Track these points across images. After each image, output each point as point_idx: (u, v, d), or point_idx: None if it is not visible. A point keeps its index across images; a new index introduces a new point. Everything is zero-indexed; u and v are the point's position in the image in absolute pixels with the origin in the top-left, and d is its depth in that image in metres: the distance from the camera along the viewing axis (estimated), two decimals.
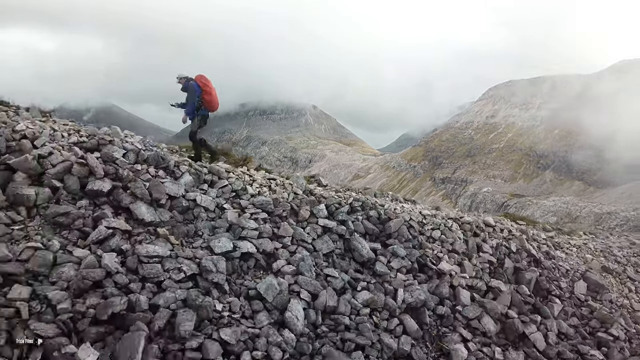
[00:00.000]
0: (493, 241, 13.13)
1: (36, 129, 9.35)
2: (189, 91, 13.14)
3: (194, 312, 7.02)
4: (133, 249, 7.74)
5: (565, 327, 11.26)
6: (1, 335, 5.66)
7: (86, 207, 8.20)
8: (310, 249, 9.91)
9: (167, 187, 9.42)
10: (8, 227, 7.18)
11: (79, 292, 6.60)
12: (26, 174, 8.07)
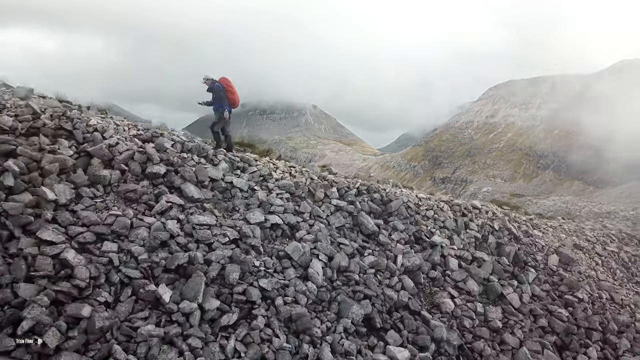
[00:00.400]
0: (479, 220, 14.85)
1: (104, 123, 11.20)
2: (215, 91, 14.79)
3: (238, 265, 8.78)
4: (187, 218, 9.50)
5: (538, 291, 12.98)
6: (100, 277, 7.38)
7: (147, 186, 9.99)
8: (325, 223, 11.67)
9: (209, 172, 11.24)
10: (92, 200, 8.93)
11: (151, 249, 8.34)
12: (100, 160, 9.85)
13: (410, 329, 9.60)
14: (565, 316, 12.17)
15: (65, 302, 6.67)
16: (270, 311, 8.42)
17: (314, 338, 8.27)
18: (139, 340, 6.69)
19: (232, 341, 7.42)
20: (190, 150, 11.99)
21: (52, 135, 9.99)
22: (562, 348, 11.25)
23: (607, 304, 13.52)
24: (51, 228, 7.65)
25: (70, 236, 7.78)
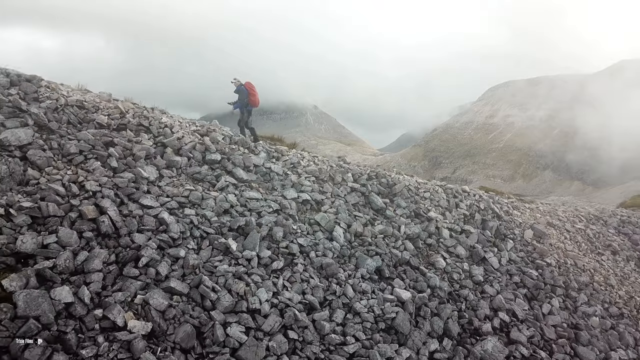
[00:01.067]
0: (467, 202, 17.09)
1: (171, 121, 13.61)
2: (240, 93, 17.14)
3: (282, 228, 11.11)
4: (240, 193, 11.85)
5: (514, 257, 15.23)
6: (186, 232, 9.69)
7: (207, 170, 12.33)
8: (343, 200, 13.97)
9: (253, 159, 13.61)
10: (170, 179, 11.27)
11: (218, 214, 10.68)
12: (172, 149, 12.21)
13: (411, 279, 11.91)
14: (535, 275, 14.43)
15: (165, 247, 8.99)
16: (306, 261, 10.74)
17: (340, 280, 10.59)
18: (218, 274, 9.00)
19: (280, 280, 9.72)
20: (237, 142, 14.39)
21: (135, 130, 12.38)
22: (531, 299, 13.51)
23: (571, 268, 15.76)
24: (148, 197, 10.00)
25: (161, 204, 10.09)
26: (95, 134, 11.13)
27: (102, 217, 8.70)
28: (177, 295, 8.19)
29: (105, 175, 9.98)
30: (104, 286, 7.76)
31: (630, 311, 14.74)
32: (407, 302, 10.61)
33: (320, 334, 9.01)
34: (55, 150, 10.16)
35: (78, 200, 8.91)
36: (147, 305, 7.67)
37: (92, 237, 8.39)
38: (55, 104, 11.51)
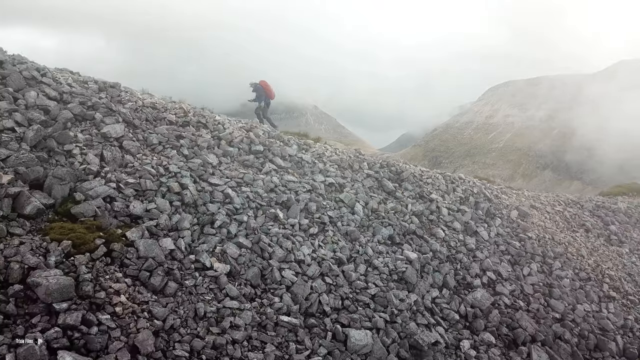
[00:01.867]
0: (463, 186, 19.23)
1: (222, 119, 15.90)
2: (257, 90, 20.32)
3: (315, 203, 13.33)
4: (281, 177, 14.07)
5: (501, 231, 17.38)
6: (245, 204, 11.95)
7: (253, 159, 14.54)
8: (361, 184, 16.13)
9: (287, 150, 15.83)
10: (227, 165, 13.49)
11: (267, 191, 12.93)
12: (226, 141, 14.45)
13: (417, 244, 14.10)
14: (518, 246, 16.59)
15: (231, 214, 11.24)
16: (334, 228, 12.97)
17: (361, 243, 12.81)
18: (271, 235, 11.25)
19: (317, 241, 11.96)
20: (274, 137, 16.62)
21: (196, 126, 14.63)
22: (514, 263, 15.65)
23: (549, 241, 17.89)
24: (214, 177, 12.26)
25: (224, 182, 12.32)
26: (168, 129, 13.41)
27: (184, 191, 10.98)
28: (244, 248, 10.43)
29: (181, 161, 12.25)
30: (192, 240, 10.05)
31: (596, 276, 16.87)
32: (414, 261, 12.82)
33: (348, 281, 11.24)
34: (141, 141, 12.44)
35: (165, 179, 11.17)
36: (224, 253, 9.94)
37: (179, 205, 10.67)
38: (135, 105, 13.79)
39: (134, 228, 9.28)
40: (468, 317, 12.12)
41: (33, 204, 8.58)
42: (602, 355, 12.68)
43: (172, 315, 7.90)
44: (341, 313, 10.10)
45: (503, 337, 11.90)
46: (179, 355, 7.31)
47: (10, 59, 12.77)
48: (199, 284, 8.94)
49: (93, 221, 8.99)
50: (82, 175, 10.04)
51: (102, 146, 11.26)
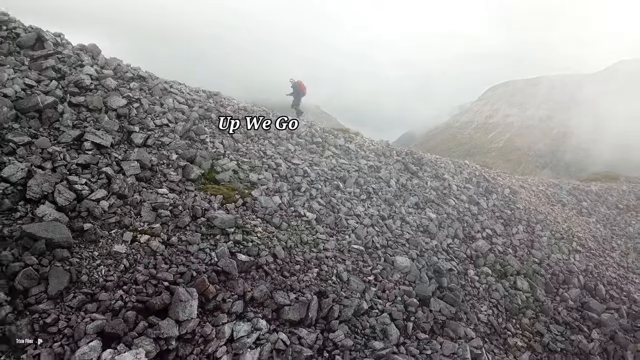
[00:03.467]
0: (468, 170, 22.68)
1: (270, 114, 19.47)
2: (295, 87, 23.50)
3: (363, 179, 16.89)
4: (337, 160, 17.63)
5: (497, 203, 20.78)
6: (317, 178, 15.52)
7: (316, 147, 18.09)
8: (392, 167, 19.66)
9: (338, 141, 19.34)
10: (300, 151, 17.06)
11: (329, 169, 16.51)
12: (297, 134, 18.02)
13: (435, 209, 17.59)
14: (509, 213, 20.02)
15: (310, 183, 14.84)
16: (377, 196, 16.49)
17: (396, 207, 16.35)
18: (337, 198, 14.83)
19: (366, 204, 15.54)
20: (328, 132, 20.17)
21: (257, 118, 18.23)
22: (506, 225, 19.02)
23: (533, 211, 21.30)
24: (295, 159, 15.84)
25: (301, 163, 15.92)
26: None
27: (279, 167, 14.62)
28: (321, 205, 14.02)
29: (271, 148, 15.88)
30: (289, 199, 13.65)
31: (568, 236, 20.23)
32: (433, 219, 16.35)
33: (389, 230, 14.77)
34: (243, 134, 16.07)
35: (265, 159, 14.80)
36: (311, 207, 13.54)
37: (277, 177, 14.31)
38: (233, 108, 17.42)
39: (255, 189, 12.94)
40: (472, 257, 15.61)
41: (195, 172, 12.29)
42: (568, 287, 16.03)
43: (289, 241, 11.52)
44: (387, 248, 13.63)
45: (497, 271, 15.38)
46: (299, 260, 10.94)
47: (148, 75, 16.41)
48: (299, 224, 12.54)
49: (229, 184, 12.67)
50: (215, 156, 13.70)
51: (221, 137, 14.91)
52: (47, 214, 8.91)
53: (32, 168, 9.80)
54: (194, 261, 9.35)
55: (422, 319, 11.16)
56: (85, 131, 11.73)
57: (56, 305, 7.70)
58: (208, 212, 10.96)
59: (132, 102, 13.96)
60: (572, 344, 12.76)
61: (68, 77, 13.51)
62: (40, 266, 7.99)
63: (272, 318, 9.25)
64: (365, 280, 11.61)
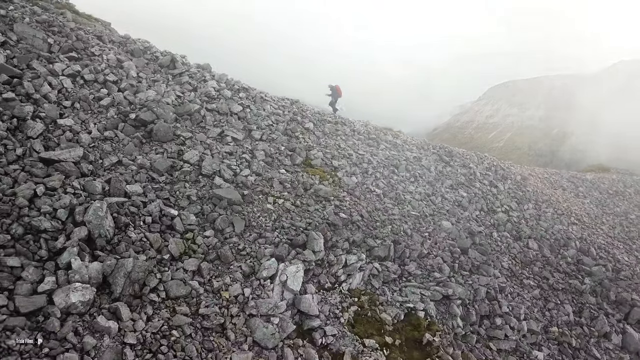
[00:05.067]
0: (487, 161, 25.46)
1: (351, 119, 22.60)
2: (332, 90, 26.34)
3: (410, 166, 20.00)
4: (389, 152, 20.74)
5: (511, 186, 23.63)
6: (379, 164, 18.64)
7: (372, 142, 21.21)
8: (430, 157, 22.66)
9: (388, 137, 22.43)
10: (361, 145, 20.19)
11: (384, 158, 19.64)
12: (357, 132, 21.17)
13: (465, 190, 20.53)
14: (520, 194, 22.92)
15: (374, 169, 17.99)
16: (421, 179, 19.54)
17: (437, 187, 19.41)
18: (394, 179, 17.98)
19: (415, 184, 18.66)
20: (380, 130, 23.26)
21: (341, 123, 21.36)
22: (519, 203, 21.91)
23: (539, 193, 24.14)
24: (361, 150, 19.00)
25: (365, 153, 19.05)
26: (329, 125, 20.22)
27: (351, 156, 17.79)
28: (384, 184, 17.17)
29: (342, 143, 19.05)
30: (361, 179, 16.81)
31: (567, 213, 23.07)
32: (465, 197, 19.40)
33: (433, 203, 17.85)
34: (321, 132, 19.26)
35: (342, 150, 17.99)
36: (378, 185, 16.70)
37: (351, 163, 17.48)
38: (311, 112, 20.62)
39: (339, 171, 16.14)
40: (494, 224, 18.61)
41: (298, 159, 15.57)
42: (567, 248, 18.90)
43: (368, 207, 14.70)
44: (434, 216, 16.72)
45: (513, 234, 18.37)
46: (377, 219, 14.12)
47: (248, 86, 19.63)
48: (372, 197, 15.70)
49: (320, 168, 15.91)
50: (307, 148, 16.93)
51: (308, 133, 18.14)
52: (221, 184, 12.26)
53: (201, 154, 13.17)
54: (314, 216, 12.64)
55: (464, 262, 14.32)
56: (223, 129, 15.07)
57: (240, 239, 11.02)
58: (313, 186, 14.21)
59: (245, 108, 17.24)
60: (570, 285, 15.77)
61: (200, 89, 16.85)
62: (227, 215, 11.31)
63: (367, 255, 12.50)
64: (423, 235, 14.78)
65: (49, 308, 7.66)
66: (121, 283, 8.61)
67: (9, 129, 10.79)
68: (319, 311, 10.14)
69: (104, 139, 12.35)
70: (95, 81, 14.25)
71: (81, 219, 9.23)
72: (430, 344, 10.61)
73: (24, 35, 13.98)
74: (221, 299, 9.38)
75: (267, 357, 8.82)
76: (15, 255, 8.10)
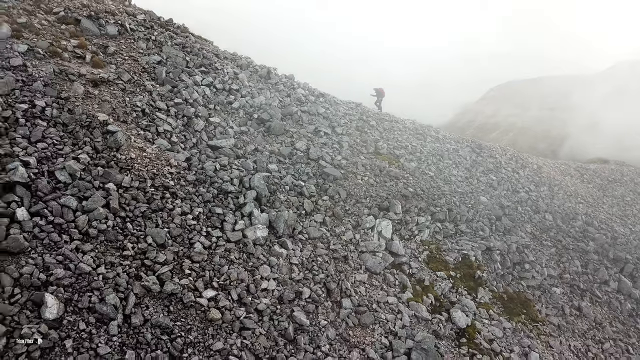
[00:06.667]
0: (509, 152, 27.96)
1: (404, 117, 25.38)
2: (377, 91, 28.83)
3: (452, 155, 22.70)
4: (434, 144, 23.46)
5: (529, 173, 26.10)
6: (422, 152, 21.39)
7: (420, 136, 23.94)
8: (465, 149, 25.26)
9: (431, 133, 25.14)
10: (409, 137, 22.95)
11: (432, 148, 22.38)
12: (373, 119, 23.94)
13: (494, 174, 23.12)
14: (537, 179, 25.36)
15: (430, 155, 20.76)
16: (461, 166, 22.22)
17: (473, 172, 22.04)
18: (442, 164, 20.71)
19: (457, 169, 21.36)
20: (424, 126, 25.93)
21: (394, 120, 24.12)
22: (537, 186, 24.47)
23: (552, 179, 26.53)
24: (403, 138, 21.78)
25: (408, 144, 21.81)
26: (387, 123, 23.01)
27: (407, 147, 20.59)
28: (434, 168, 19.93)
29: (399, 136, 21.84)
30: (417, 165, 19.60)
31: (574, 194, 25.42)
32: (495, 180, 22.00)
33: (471, 184, 20.53)
34: (381, 127, 22.07)
35: (399, 142, 20.80)
36: (430, 169, 19.48)
37: (408, 152, 20.28)
38: (373, 112, 23.41)
39: (400, 158, 18.96)
40: (518, 201, 21.19)
41: (371, 147, 18.39)
42: (575, 220, 21.35)
43: (426, 184, 17.50)
44: (473, 193, 19.43)
45: (532, 209, 20.90)
46: (435, 192, 16.95)
47: (324, 92, 22.48)
48: (427, 178, 18.48)
49: (386, 156, 18.72)
50: (375, 140, 19.75)
51: (372, 129, 20.96)
52: (325, 165, 15.24)
53: (307, 144, 16.13)
54: (391, 189, 15.61)
55: (499, 226, 17.09)
56: (316, 126, 18.03)
57: (345, 203, 14.02)
58: (385, 168, 17.08)
59: (326, 110, 20.18)
60: (578, 246, 18.37)
61: (292, 95, 19.79)
62: (335, 186, 14.28)
63: (431, 217, 15.37)
64: (467, 206, 17.54)
65: (244, 239, 10.76)
66: (282, 227, 11.66)
67: (184, 125, 13.92)
68: (404, 252, 13.09)
69: (241, 132, 15.41)
70: (224, 89, 17.28)
71: (249, 185, 12.33)
72: (480, 278, 13.48)
73: (170, 55, 17.02)
74: (342, 240, 12.41)
75: (376, 278, 11.82)
76: (218, 207, 11.23)
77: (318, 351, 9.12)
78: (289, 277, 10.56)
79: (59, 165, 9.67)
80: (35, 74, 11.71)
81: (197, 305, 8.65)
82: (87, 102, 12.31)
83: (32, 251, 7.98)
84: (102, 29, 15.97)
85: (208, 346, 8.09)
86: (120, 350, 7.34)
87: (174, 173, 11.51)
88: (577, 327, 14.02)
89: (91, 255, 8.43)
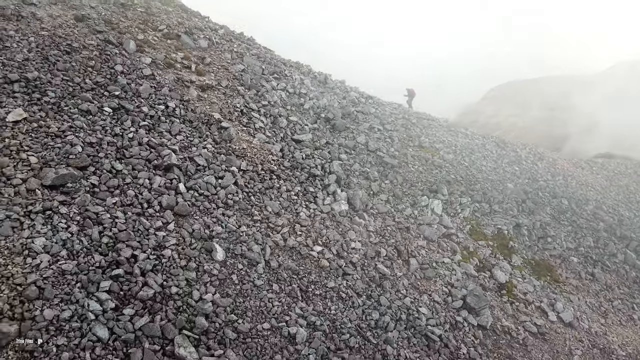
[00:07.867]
0: (528, 147, 29.37)
1: (431, 116, 27.01)
2: (409, 91, 30.40)
3: (480, 148, 24.28)
4: (464, 139, 25.06)
5: (546, 165, 27.52)
6: (456, 147, 23.03)
7: (452, 132, 25.54)
8: (490, 144, 26.76)
9: (460, 129, 26.70)
10: (447, 134, 24.57)
11: (464, 143, 24.00)
12: (413, 117, 25.57)
13: (517, 166, 24.67)
14: (553, 170, 26.76)
15: (464, 149, 22.41)
16: (489, 158, 23.79)
17: (499, 163, 23.61)
18: (474, 156, 22.34)
19: (485, 160, 22.96)
20: (454, 123, 27.48)
21: (425, 118, 25.75)
22: (552, 175, 25.89)
23: (566, 170, 27.88)
24: (430, 135, 23.44)
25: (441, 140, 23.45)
26: (416, 120, 24.67)
27: (444, 141, 22.27)
28: (467, 160, 21.59)
29: (436, 132, 23.52)
30: (454, 156, 21.29)
31: (585, 184, 26.73)
32: (518, 170, 23.51)
33: (499, 174, 22.12)
34: (420, 125, 23.77)
35: (437, 137, 22.50)
36: (464, 160, 21.16)
37: (445, 146, 21.98)
38: (412, 112, 25.08)
39: (440, 151, 20.66)
40: (539, 188, 22.67)
41: (416, 141, 20.15)
42: (587, 205, 22.78)
43: (463, 172, 19.20)
44: (501, 181, 21.04)
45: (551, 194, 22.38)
46: (471, 179, 18.67)
47: (369, 95, 24.22)
48: (463, 167, 20.17)
49: (428, 149, 20.45)
50: (417, 136, 21.49)
51: (414, 127, 22.68)
52: (383, 155, 17.06)
53: (365, 138, 17.95)
54: (437, 176, 17.42)
55: (524, 207, 18.74)
56: (371, 123, 19.84)
57: (402, 187, 15.84)
58: (430, 159, 18.84)
59: (376, 109, 21.97)
60: (590, 225, 19.89)
61: (347, 98, 21.61)
62: (392, 173, 16.12)
63: (470, 199, 17.12)
64: (497, 190, 19.21)
65: (332, 211, 12.72)
66: (358, 203, 13.62)
67: (272, 122, 15.89)
68: (452, 225, 14.92)
69: (314, 129, 17.33)
70: (295, 93, 19.20)
71: (329, 170, 14.28)
72: (513, 247, 15.27)
73: (249, 64, 18.96)
74: (404, 214, 14.31)
75: (432, 245, 13.70)
76: (310, 186, 13.21)
77: (399, 293, 11.09)
78: (369, 240, 12.54)
79: (196, 152, 11.77)
80: (162, 81, 13.87)
81: (311, 256, 10.70)
82: (200, 103, 14.41)
83: (195, 214, 10.09)
84: (195, 43, 17.98)
85: (324, 284, 10.13)
86: (267, 283, 9.41)
87: (275, 160, 13.56)
88: (592, 288, 15.70)
89: (233, 218, 10.51)
